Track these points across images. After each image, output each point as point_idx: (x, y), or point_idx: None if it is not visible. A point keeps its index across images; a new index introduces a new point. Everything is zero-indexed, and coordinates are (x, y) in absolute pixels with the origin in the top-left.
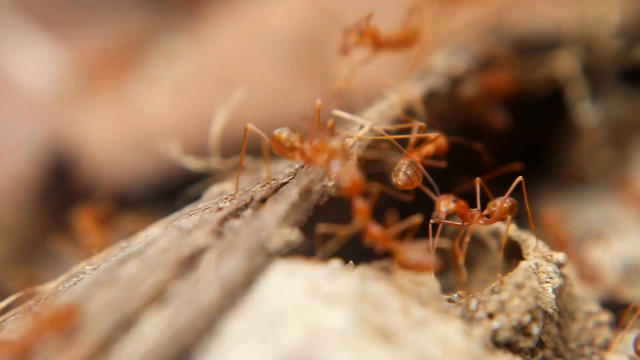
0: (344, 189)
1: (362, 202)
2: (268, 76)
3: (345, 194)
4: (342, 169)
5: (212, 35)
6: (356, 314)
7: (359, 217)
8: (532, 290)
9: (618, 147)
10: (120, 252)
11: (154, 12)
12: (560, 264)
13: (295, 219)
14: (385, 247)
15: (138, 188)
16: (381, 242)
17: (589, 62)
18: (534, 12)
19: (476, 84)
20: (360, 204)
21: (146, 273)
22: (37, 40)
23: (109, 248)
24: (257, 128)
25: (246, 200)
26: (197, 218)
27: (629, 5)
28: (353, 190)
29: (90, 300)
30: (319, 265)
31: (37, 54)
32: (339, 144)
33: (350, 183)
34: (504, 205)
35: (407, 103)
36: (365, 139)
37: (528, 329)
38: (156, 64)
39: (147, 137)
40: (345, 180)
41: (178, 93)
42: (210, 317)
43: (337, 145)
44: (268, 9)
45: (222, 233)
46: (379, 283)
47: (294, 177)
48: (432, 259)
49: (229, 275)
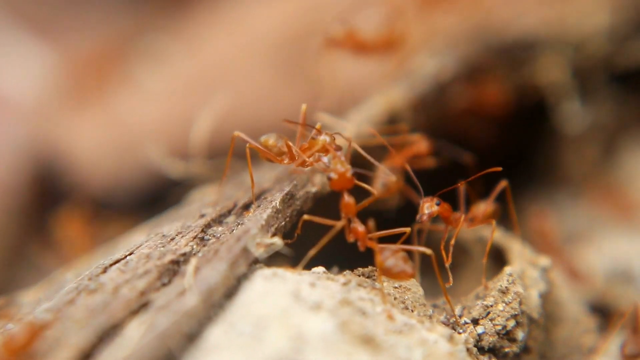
0: (333, 181)
1: (350, 197)
2: (255, 79)
3: (334, 187)
4: (333, 162)
5: (199, 38)
6: (340, 319)
7: (345, 210)
8: (516, 296)
9: (606, 151)
10: (102, 258)
11: (140, 14)
12: (545, 268)
13: (279, 225)
14: (366, 245)
15: (123, 193)
16: (363, 240)
17: (578, 64)
18: (518, 11)
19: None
20: (347, 198)
21: (129, 280)
22: (21, 45)
23: (92, 254)
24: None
25: (229, 207)
26: (180, 224)
27: (618, 3)
28: (342, 184)
29: (73, 306)
30: (302, 271)
31: (21, 59)
32: (329, 138)
33: (340, 176)
34: (487, 209)
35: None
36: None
37: (513, 334)
38: (142, 68)
39: (132, 142)
40: (335, 173)
41: (164, 98)
42: (193, 324)
43: (327, 140)
44: (255, 11)
45: (205, 240)
46: (363, 289)
47: (277, 183)
48: (410, 267)
49: (212, 281)
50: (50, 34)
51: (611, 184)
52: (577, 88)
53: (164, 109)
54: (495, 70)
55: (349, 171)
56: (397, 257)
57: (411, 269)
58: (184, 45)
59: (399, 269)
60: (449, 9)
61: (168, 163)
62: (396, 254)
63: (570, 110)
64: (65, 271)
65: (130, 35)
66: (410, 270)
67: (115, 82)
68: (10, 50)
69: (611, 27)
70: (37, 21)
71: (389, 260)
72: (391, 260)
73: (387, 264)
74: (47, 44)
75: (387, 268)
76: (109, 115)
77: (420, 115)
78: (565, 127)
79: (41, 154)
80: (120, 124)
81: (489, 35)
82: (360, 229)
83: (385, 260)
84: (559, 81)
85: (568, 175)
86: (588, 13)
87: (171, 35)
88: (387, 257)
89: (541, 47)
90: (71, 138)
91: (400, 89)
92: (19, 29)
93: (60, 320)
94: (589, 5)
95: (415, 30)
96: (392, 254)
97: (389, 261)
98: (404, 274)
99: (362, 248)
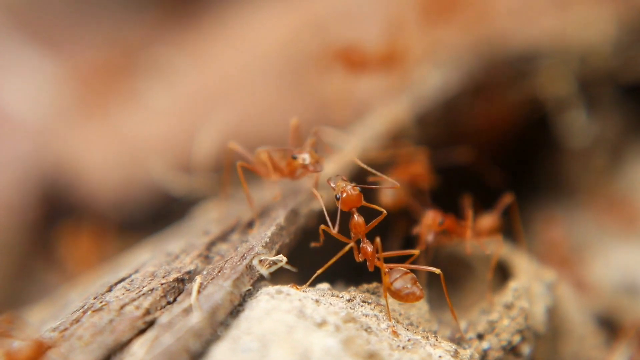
0: (342, 201)
1: (360, 216)
2: (260, 94)
3: (344, 208)
4: (337, 182)
5: (204, 52)
6: (344, 335)
7: (355, 230)
8: (521, 311)
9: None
10: (108, 276)
11: (145, 28)
12: (551, 282)
13: (283, 242)
14: (374, 265)
15: (129, 209)
16: (372, 260)
17: (583, 76)
18: (523, 23)
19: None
20: (357, 218)
21: (134, 298)
22: (26, 59)
23: (97, 271)
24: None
25: (233, 224)
26: (184, 242)
27: (624, 12)
28: (352, 203)
29: (79, 325)
30: (306, 288)
31: (26, 73)
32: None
33: (348, 196)
34: (492, 221)
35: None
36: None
37: (518, 349)
38: (148, 82)
39: (138, 158)
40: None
41: (169, 112)
42: (198, 342)
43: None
44: (260, 26)
45: (209, 257)
46: (367, 305)
47: (280, 199)
48: (418, 289)
49: (217, 299)
50: (56, 49)
51: (617, 195)
52: (583, 100)
53: (169, 124)
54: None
55: (356, 189)
56: (406, 279)
57: (420, 291)
58: (189, 59)
59: (407, 292)
60: (451, 21)
61: (172, 178)
62: (405, 276)
63: (576, 122)
64: (70, 288)
65: (136, 49)
66: (418, 292)
67: (121, 97)
68: (15, 65)
69: (617, 38)
70: (42, 36)
71: (398, 282)
72: (399, 282)
73: (395, 286)
74: (52, 58)
75: (395, 290)
76: (114, 130)
77: (426, 129)
78: (570, 140)
79: (46, 170)
80: (126, 139)
81: (493, 47)
82: (369, 249)
83: (393, 282)
84: (563, 93)
85: (574, 186)
86: (593, 24)
87: (177, 49)
88: (395, 279)
89: (546, 59)
90: (76, 154)
91: (404, 102)
92: (23, 44)
93: (67, 339)
94: (594, 16)
95: (417, 43)
96: (401, 276)
97: (397, 283)
98: (412, 296)
99: (371, 268)
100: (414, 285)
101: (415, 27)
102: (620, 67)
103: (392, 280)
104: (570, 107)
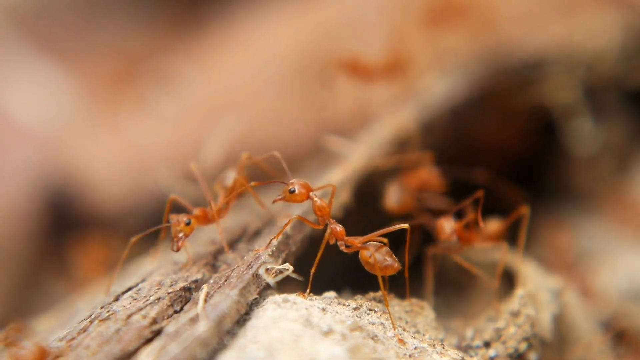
0: (298, 191)
1: (320, 199)
2: (267, 102)
3: (301, 197)
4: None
5: (212, 61)
6: (351, 344)
7: (319, 213)
8: (528, 318)
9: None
10: (115, 286)
11: (153, 37)
12: (558, 290)
13: (289, 251)
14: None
15: (136, 218)
16: (342, 239)
17: (589, 83)
18: (528, 30)
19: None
20: (319, 201)
21: (141, 308)
22: (34, 69)
23: (104, 280)
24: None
25: (239, 233)
26: (190, 251)
27: (630, 19)
28: (305, 189)
29: (86, 335)
30: (313, 296)
31: (34, 83)
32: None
33: (300, 185)
34: (498, 227)
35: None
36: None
37: (525, 357)
38: (155, 91)
39: (145, 166)
40: (295, 185)
41: (177, 121)
42: (205, 351)
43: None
44: (267, 35)
45: (216, 266)
46: (374, 313)
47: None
48: (395, 260)
49: (224, 308)
50: (65, 59)
51: (624, 201)
52: (589, 106)
53: (177, 133)
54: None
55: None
56: (382, 252)
57: (397, 263)
58: (197, 68)
59: (386, 264)
60: (457, 28)
61: (178, 187)
62: (380, 250)
63: (583, 129)
64: (78, 297)
65: (144, 58)
66: (396, 264)
67: (129, 106)
68: (23, 75)
69: (623, 44)
70: (52, 46)
71: (376, 255)
72: (377, 256)
73: (372, 259)
74: (60, 68)
75: (372, 264)
76: (122, 139)
77: (433, 136)
78: (577, 146)
79: (54, 179)
80: (134, 148)
81: (499, 54)
82: (337, 228)
83: (370, 256)
84: (570, 100)
85: (581, 193)
86: (599, 31)
87: (184, 58)
88: (372, 254)
89: (552, 66)
90: (84, 163)
91: (411, 110)
92: (33, 54)
93: (74, 348)
94: (600, 24)
95: (423, 51)
96: (377, 249)
97: (376, 256)
98: (390, 268)
99: (342, 248)
100: (390, 257)
101: (421, 35)
102: (627, 73)
103: (369, 255)
104: (576, 113)
